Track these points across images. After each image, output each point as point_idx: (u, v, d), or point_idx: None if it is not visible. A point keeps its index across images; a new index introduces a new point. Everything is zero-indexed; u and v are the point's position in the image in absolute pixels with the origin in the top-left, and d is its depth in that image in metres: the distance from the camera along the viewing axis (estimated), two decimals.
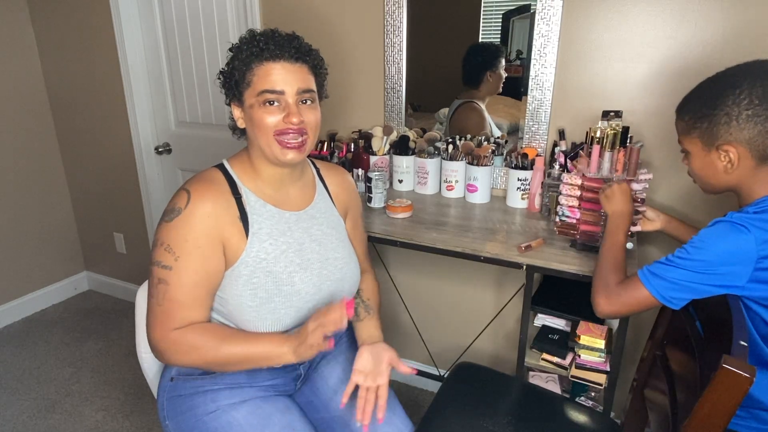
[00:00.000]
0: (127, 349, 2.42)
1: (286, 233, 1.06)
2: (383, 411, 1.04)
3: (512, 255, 1.32)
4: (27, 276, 2.74)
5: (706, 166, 1.05)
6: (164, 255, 0.96)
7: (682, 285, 0.98)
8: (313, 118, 1.02)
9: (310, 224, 1.11)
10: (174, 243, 0.96)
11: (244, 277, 1.00)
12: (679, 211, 1.56)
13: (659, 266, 1.01)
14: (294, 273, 1.05)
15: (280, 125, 0.98)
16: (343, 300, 0.97)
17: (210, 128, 2.34)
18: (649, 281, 1.00)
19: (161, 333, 0.98)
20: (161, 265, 0.97)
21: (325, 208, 1.16)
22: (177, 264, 0.96)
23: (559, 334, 1.46)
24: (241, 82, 0.99)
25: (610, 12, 1.50)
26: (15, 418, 1.99)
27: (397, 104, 1.88)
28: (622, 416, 1.56)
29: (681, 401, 0.99)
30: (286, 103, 0.98)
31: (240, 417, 1.03)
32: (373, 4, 1.81)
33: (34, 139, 2.67)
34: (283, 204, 1.08)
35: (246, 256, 1.01)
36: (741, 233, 0.94)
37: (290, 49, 0.98)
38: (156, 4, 2.27)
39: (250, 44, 0.98)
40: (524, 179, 1.64)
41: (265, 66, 0.97)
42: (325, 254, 1.11)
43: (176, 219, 0.97)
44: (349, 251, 1.17)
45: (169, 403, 1.08)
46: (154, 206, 2.59)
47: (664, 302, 0.99)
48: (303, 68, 1.01)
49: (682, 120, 1.07)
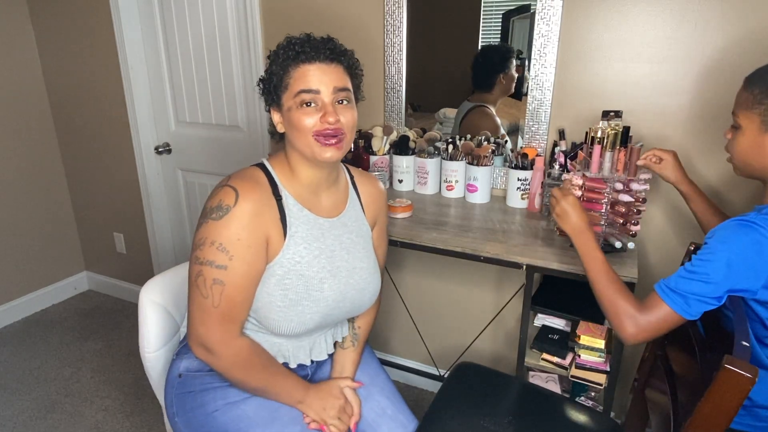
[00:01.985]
0: (127, 349, 2.42)
1: (319, 239, 1.07)
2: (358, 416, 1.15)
3: (512, 255, 1.32)
4: (27, 276, 2.74)
5: (756, 146, 0.99)
6: (217, 254, 0.95)
7: (701, 299, 0.94)
8: (350, 117, 1.02)
9: (342, 232, 1.12)
10: (227, 242, 0.95)
11: (277, 277, 1.02)
12: (678, 208, 1.56)
13: (677, 279, 0.96)
14: (324, 279, 1.06)
15: (318, 126, 0.99)
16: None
17: (210, 128, 2.34)
18: (669, 298, 0.96)
19: (223, 337, 0.98)
20: (215, 265, 0.95)
21: (356, 216, 1.17)
22: (232, 264, 0.96)
23: (559, 334, 1.46)
24: (279, 86, 1.01)
25: (610, 12, 1.50)
26: (15, 418, 1.99)
27: (397, 104, 1.88)
28: (622, 416, 1.56)
29: (682, 401, 0.99)
30: (323, 102, 0.99)
31: (249, 410, 1.05)
32: (373, 4, 1.81)
33: (34, 139, 2.67)
34: (317, 209, 1.09)
35: (282, 257, 1.02)
36: (755, 233, 0.90)
37: (325, 51, 0.99)
38: (156, 4, 2.27)
39: (287, 49, 1.00)
40: (524, 179, 1.64)
41: (302, 68, 0.99)
42: (353, 263, 1.12)
43: (225, 217, 0.96)
44: (374, 261, 1.18)
45: (178, 400, 1.09)
46: (154, 206, 2.59)
47: (689, 317, 0.95)
48: (338, 68, 1.02)
49: (749, 92, 1.00)
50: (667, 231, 1.60)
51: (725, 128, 1.10)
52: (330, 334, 1.19)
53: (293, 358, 1.11)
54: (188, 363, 1.10)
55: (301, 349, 1.12)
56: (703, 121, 1.47)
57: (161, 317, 1.19)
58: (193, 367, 1.09)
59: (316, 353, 1.15)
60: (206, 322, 0.98)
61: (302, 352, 1.13)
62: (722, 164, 1.46)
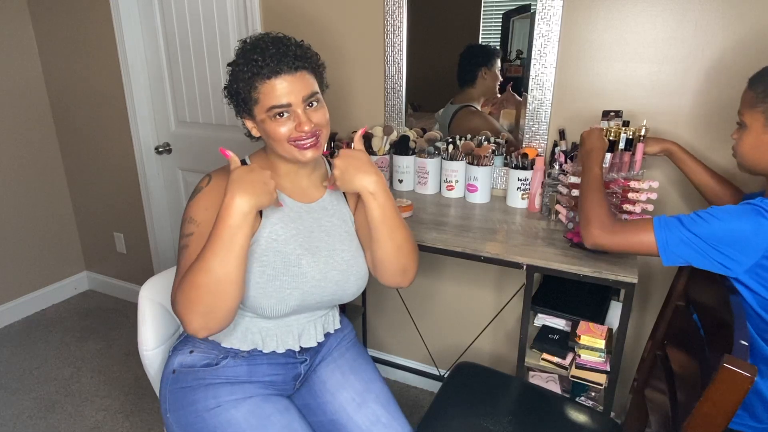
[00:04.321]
0: (127, 349, 2.42)
1: (296, 220, 1.11)
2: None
3: (512, 255, 1.32)
4: (27, 276, 2.74)
5: (760, 144, 1.03)
6: (187, 226, 1.03)
7: (686, 245, 0.99)
8: (322, 116, 1.06)
9: (321, 215, 1.15)
10: (195, 213, 1.03)
11: (255, 254, 1.05)
12: (678, 208, 1.56)
13: (674, 221, 1.02)
14: (302, 256, 1.08)
15: (294, 134, 1.03)
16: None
17: (210, 128, 2.34)
18: (661, 230, 1.02)
19: (174, 289, 0.98)
20: (184, 235, 1.02)
21: (337, 200, 1.20)
22: (198, 229, 1.01)
23: (559, 334, 1.46)
24: (248, 100, 1.03)
25: (610, 12, 1.50)
26: (15, 418, 1.99)
27: (397, 104, 1.88)
28: (622, 416, 1.57)
29: (681, 401, 0.99)
30: (295, 113, 1.02)
31: (240, 416, 1.04)
32: (373, 4, 1.81)
33: (34, 139, 2.67)
34: (296, 196, 1.14)
35: (259, 236, 1.06)
36: (761, 218, 0.94)
37: (287, 60, 1.00)
38: (156, 4, 2.27)
39: (249, 64, 1.00)
40: (524, 179, 1.64)
41: (269, 83, 1.00)
42: (333, 245, 1.14)
43: (197, 195, 1.05)
44: (357, 246, 1.19)
45: (171, 395, 1.09)
46: (154, 206, 2.59)
47: (662, 253, 1.02)
48: (303, 74, 1.03)
49: (753, 91, 1.04)
50: None
51: (725, 128, 1.10)
52: (320, 322, 1.19)
53: (281, 343, 1.12)
54: (182, 358, 1.11)
55: (289, 334, 1.13)
56: (704, 120, 1.47)
57: (160, 315, 1.20)
58: (186, 362, 1.10)
59: (305, 340, 1.16)
60: (173, 290, 0.99)
61: (290, 337, 1.13)
62: (722, 164, 1.46)
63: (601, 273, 1.22)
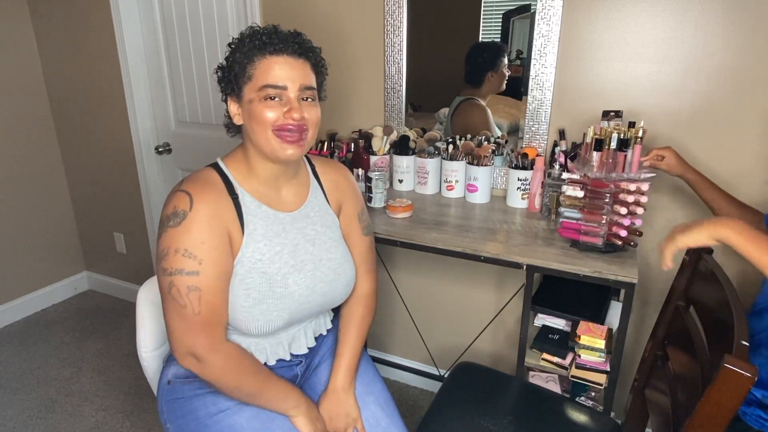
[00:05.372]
0: (127, 349, 2.42)
1: (280, 234, 1.05)
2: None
3: (512, 255, 1.32)
4: (27, 276, 2.73)
5: None
6: (185, 261, 0.93)
7: None
8: (314, 114, 1.01)
9: (305, 224, 1.10)
10: (191, 247, 0.93)
11: (239, 277, 1.00)
12: (677, 208, 1.56)
13: None
14: (288, 275, 1.04)
15: (280, 120, 0.96)
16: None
17: (210, 128, 2.34)
18: None
19: (211, 343, 0.96)
20: (185, 272, 0.93)
21: (319, 206, 1.14)
22: (203, 268, 0.93)
23: (559, 334, 1.46)
24: (241, 76, 0.98)
25: (610, 12, 1.50)
26: (15, 418, 1.99)
27: (397, 104, 1.88)
28: (622, 416, 1.56)
29: (682, 401, 0.99)
30: (288, 98, 0.97)
31: (243, 421, 1.02)
32: (373, 4, 1.81)
33: (34, 139, 2.66)
34: (277, 204, 1.07)
35: (242, 256, 1.00)
36: None
37: (293, 44, 0.97)
38: (156, 3, 2.27)
39: (252, 38, 0.97)
40: (524, 179, 1.64)
41: (268, 60, 0.96)
42: (319, 255, 1.10)
43: (184, 223, 0.93)
44: (343, 251, 1.16)
45: (169, 406, 1.07)
46: (154, 206, 2.59)
47: None
48: (305, 65, 1.00)
49: None
50: (667, 231, 1.60)
51: (725, 128, 1.09)
52: (310, 328, 1.18)
53: (272, 355, 1.10)
54: (176, 369, 1.08)
55: (279, 346, 1.11)
56: (704, 120, 1.47)
57: (158, 317, 1.18)
58: (180, 373, 1.07)
59: (296, 347, 1.14)
60: (191, 331, 0.95)
61: (281, 348, 1.12)
62: (722, 164, 1.46)
63: (601, 273, 1.22)
